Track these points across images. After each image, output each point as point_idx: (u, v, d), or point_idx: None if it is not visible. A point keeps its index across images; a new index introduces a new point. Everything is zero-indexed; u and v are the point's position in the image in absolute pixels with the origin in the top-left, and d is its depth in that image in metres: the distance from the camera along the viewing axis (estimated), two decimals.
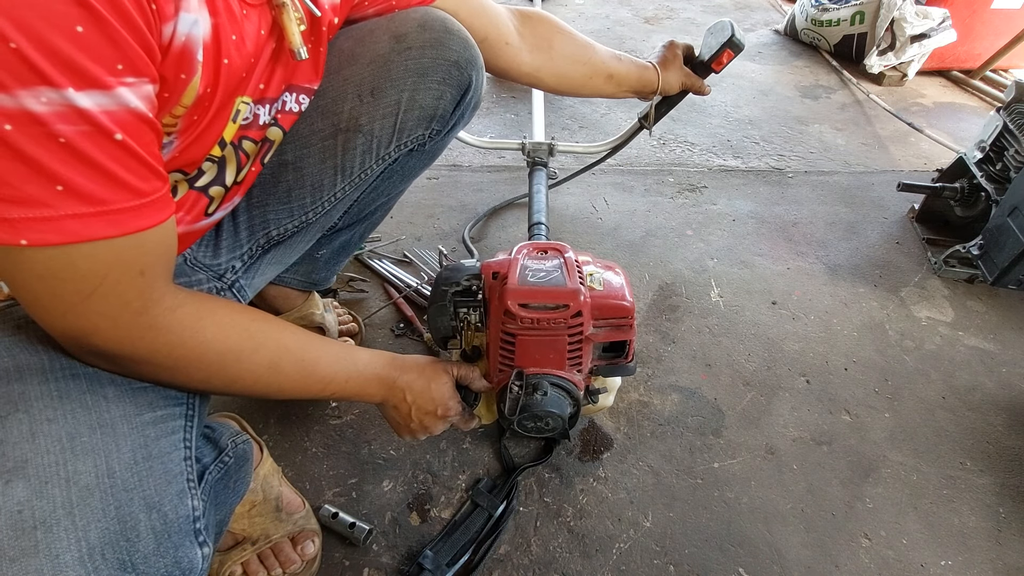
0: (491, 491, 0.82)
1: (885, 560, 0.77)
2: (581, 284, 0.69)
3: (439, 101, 0.70)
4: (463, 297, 0.73)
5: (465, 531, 0.77)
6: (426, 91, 0.69)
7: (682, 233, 1.34)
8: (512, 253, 0.74)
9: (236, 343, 0.50)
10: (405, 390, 0.65)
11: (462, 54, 0.70)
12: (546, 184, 1.24)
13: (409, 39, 0.68)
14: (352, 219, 0.86)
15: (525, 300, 0.67)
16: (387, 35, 0.68)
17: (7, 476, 0.37)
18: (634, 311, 0.71)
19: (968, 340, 1.10)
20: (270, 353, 0.53)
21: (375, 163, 0.72)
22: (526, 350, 0.70)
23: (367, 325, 1.06)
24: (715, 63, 0.97)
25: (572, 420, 0.74)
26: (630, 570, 0.75)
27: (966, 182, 1.28)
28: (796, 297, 1.18)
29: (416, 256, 1.21)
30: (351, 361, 0.62)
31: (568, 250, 0.74)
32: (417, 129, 0.72)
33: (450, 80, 0.70)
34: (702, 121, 1.81)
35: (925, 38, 1.95)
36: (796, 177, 1.56)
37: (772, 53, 2.31)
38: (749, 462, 0.88)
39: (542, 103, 1.48)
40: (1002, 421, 0.96)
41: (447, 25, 0.70)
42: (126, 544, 0.40)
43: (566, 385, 0.71)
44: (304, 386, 0.57)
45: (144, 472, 0.43)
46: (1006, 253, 1.12)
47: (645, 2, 2.77)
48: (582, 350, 0.71)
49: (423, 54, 0.67)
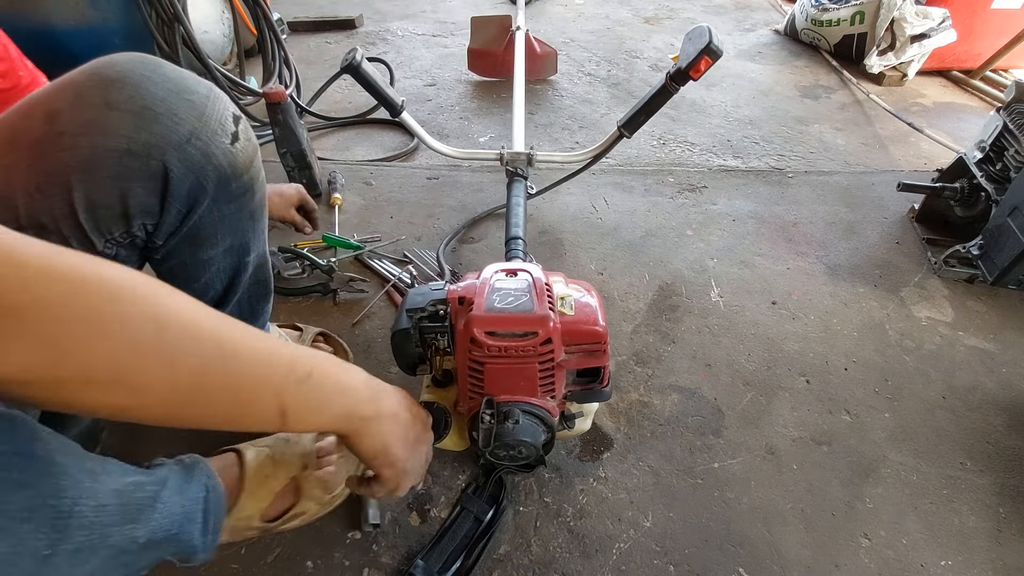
0: (475, 493, 0.81)
1: (885, 560, 0.77)
2: (551, 309, 0.66)
3: (126, 200, 0.53)
4: (430, 323, 0.70)
5: (454, 537, 0.76)
6: (101, 191, 0.52)
7: (682, 233, 1.34)
8: (479, 276, 0.72)
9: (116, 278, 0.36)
10: (401, 398, 0.57)
11: (135, 137, 0.51)
12: (525, 196, 1.22)
13: (62, 119, 0.50)
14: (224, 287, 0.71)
15: (492, 328, 0.65)
16: (42, 111, 0.51)
17: None
18: (607, 336, 0.69)
19: (968, 340, 1.10)
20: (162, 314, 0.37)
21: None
22: (495, 378, 0.68)
23: (366, 319, 1.06)
24: (692, 70, 0.97)
25: (547, 447, 0.72)
26: (630, 570, 0.75)
27: (966, 182, 1.28)
28: (796, 297, 1.18)
29: (416, 256, 1.21)
30: (309, 352, 0.47)
31: (537, 271, 0.72)
32: (118, 227, 0.55)
33: (129, 174, 0.52)
34: (702, 121, 1.81)
35: (925, 38, 1.95)
36: (796, 177, 1.56)
37: (772, 53, 2.31)
38: (749, 462, 0.88)
39: (523, 111, 1.47)
40: (1002, 421, 0.96)
41: (111, 91, 0.50)
42: None
43: (539, 412, 0.69)
44: (233, 386, 0.41)
45: None
46: (1006, 253, 1.12)
47: (645, 2, 2.77)
48: (554, 377, 0.69)
49: (77, 142, 0.50)
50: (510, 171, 1.29)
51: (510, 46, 1.83)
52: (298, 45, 2.24)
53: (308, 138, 1.35)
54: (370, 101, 1.70)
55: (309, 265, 1.13)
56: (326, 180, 1.41)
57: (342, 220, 1.32)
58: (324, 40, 2.30)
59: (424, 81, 2.00)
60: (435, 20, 2.50)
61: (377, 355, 1.01)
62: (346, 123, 1.74)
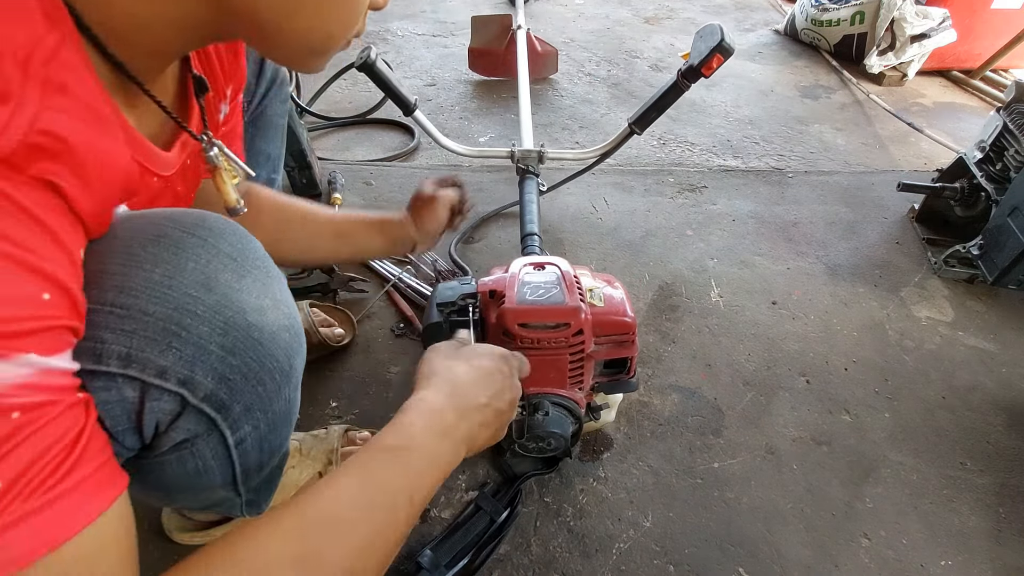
0: (495, 495, 0.81)
1: (885, 560, 0.77)
2: (581, 301, 0.67)
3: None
4: (459, 316, 0.71)
5: (466, 534, 0.77)
6: None
7: (682, 233, 1.34)
8: (508, 270, 0.72)
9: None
10: (471, 377, 0.54)
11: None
12: (537, 193, 1.22)
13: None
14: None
15: (524, 319, 0.65)
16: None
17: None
18: (635, 327, 0.70)
19: (968, 340, 1.10)
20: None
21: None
22: None
23: (366, 319, 1.06)
24: (704, 68, 0.97)
25: (574, 438, 0.73)
26: (630, 570, 0.75)
27: (966, 182, 1.28)
28: (796, 297, 1.18)
29: (416, 256, 1.21)
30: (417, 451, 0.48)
31: (565, 265, 0.72)
32: None
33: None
34: (702, 121, 1.81)
35: (925, 38, 1.95)
36: (796, 177, 1.56)
37: (772, 53, 2.31)
38: (749, 462, 0.88)
39: (529, 109, 1.47)
40: (1002, 421, 0.96)
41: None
42: None
43: (567, 404, 0.69)
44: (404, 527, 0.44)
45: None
46: (1006, 253, 1.12)
47: (645, 2, 2.77)
48: (583, 368, 0.70)
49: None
50: (521, 168, 1.29)
51: (511, 45, 1.83)
52: None
53: (308, 138, 1.35)
54: (371, 101, 1.71)
55: None
56: (326, 180, 1.41)
57: None
58: None
59: (424, 81, 2.00)
60: (435, 20, 2.50)
61: (377, 355, 1.01)
62: (346, 123, 1.73)
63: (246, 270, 0.44)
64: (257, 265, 0.45)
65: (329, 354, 0.99)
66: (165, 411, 0.41)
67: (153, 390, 0.40)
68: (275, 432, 0.51)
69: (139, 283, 0.38)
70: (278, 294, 0.46)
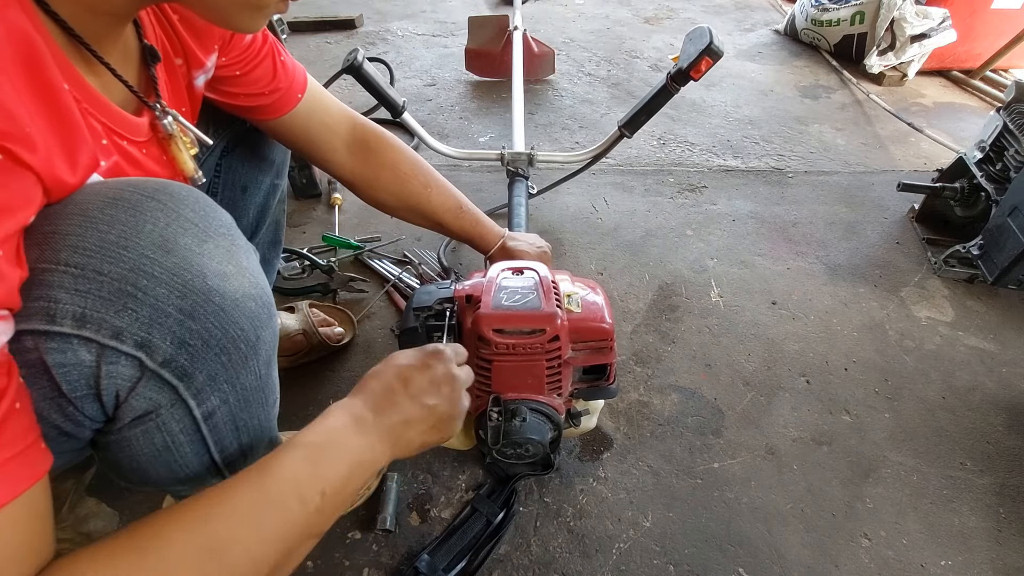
0: (490, 496, 0.81)
1: (885, 560, 0.77)
2: (558, 307, 0.67)
3: None
4: (437, 321, 0.70)
5: (463, 536, 0.77)
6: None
7: (682, 233, 1.34)
8: (486, 275, 0.72)
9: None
10: (390, 396, 0.55)
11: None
12: (526, 196, 1.22)
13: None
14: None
15: (499, 325, 0.65)
16: None
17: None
18: (613, 333, 0.69)
19: (968, 340, 1.10)
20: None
21: None
22: (503, 376, 0.68)
23: (366, 319, 1.06)
24: (693, 71, 0.97)
25: (553, 445, 0.73)
26: (630, 570, 0.75)
27: (966, 182, 1.28)
28: (796, 297, 1.18)
29: (416, 256, 1.21)
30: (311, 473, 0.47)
31: (544, 270, 0.72)
32: None
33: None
34: (702, 121, 1.81)
35: (925, 38, 1.95)
36: (796, 177, 1.56)
37: (772, 53, 2.31)
38: (749, 462, 0.88)
39: (522, 111, 1.46)
40: (1002, 421, 0.96)
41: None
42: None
43: (545, 410, 0.69)
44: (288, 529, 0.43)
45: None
46: (1006, 253, 1.11)
47: (645, 2, 2.77)
48: (561, 374, 0.70)
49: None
50: (511, 171, 1.29)
51: (507, 46, 1.83)
52: (298, 45, 2.24)
53: None
54: (369, 101, 1.70)
55: (309, 265, 1.13)
56: (326, 180, 1.41)
57: (342, 220, 1.32)
58: (324, 40, 2.29)
59: (424, 81, 2.00)
60: (435, 20, 2.50)
61: (377, 355, 1.01)
62: None
63: (208, 235, 0.42)
64: (221, 232, 0.44)
65: (329, 354, 0.99)
66: (123, 376, 0.40)
67: (109, 352, 0.38)
68: (247, 410, 0.49)
69: (94, 243, 0.37)
70: (244, 262, 0.45)
